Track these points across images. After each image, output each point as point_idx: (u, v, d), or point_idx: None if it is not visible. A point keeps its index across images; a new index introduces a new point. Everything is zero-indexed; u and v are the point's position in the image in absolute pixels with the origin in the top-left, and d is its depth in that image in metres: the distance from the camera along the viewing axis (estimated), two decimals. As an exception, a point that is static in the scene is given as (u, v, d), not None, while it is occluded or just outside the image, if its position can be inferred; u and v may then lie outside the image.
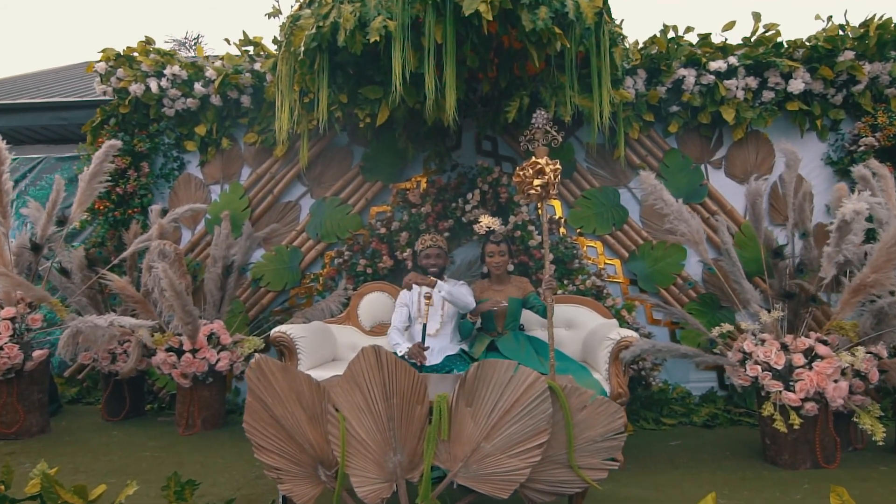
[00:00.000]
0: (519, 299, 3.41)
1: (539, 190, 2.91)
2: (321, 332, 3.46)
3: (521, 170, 3.00)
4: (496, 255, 3.38)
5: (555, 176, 2.93)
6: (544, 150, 3.00)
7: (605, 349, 3.00)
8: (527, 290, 3.45)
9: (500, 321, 3.40)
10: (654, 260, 4.12)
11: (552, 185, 2.94)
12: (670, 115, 4.16)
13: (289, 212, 4.48)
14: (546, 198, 2.99)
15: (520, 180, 3.02)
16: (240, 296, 4.34)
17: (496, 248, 3.38)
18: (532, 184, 2.91)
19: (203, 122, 4.52)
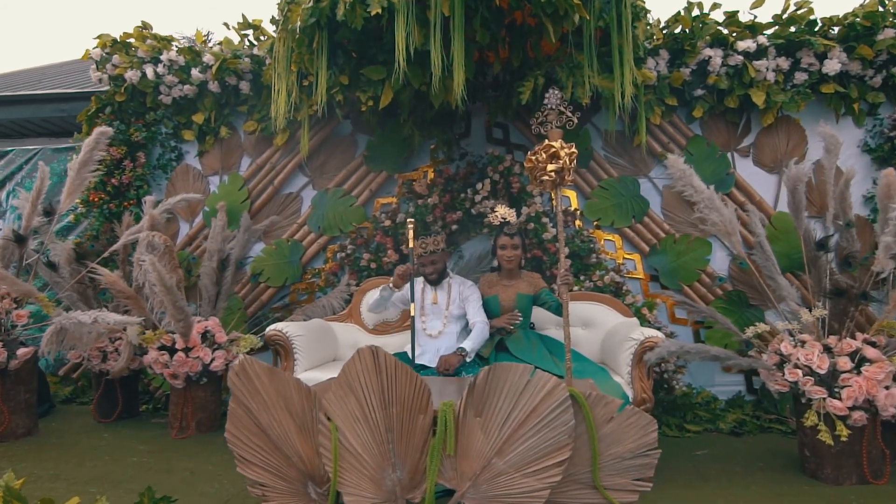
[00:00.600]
0: (530, 295, 3.17)
1: (553, 176, 2.66)
2: (321, 330, 3.25)
3: (534, 154, 2.76)
4: (509, 248, 3.14)
5: (570, 160, 2.68)
6: (558, 132, 2.75)
7: (626, 350, 2.75)
8: (538, 286, 3.21)
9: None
10: (676, 254, 3.85)
11: (567, 171, 2.69)
12: (694, 99, 3.88)
13: (290, 204, 4.27)
14: (561, 185, 2.74)
15: (532, 166, 2.78)
16: (238, 291, 4.14)
17: (510, 240, 3.14)
18: (545, 169, 2.67)
19: (201, 110, 4.32)
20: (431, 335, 3.09)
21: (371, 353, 1.73)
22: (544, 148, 2.72)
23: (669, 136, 3.96)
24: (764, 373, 2.76)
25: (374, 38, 3.10)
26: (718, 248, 3.89)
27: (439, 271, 3.16)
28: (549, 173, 2.65)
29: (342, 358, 3.37)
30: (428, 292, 3.18)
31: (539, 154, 2.71)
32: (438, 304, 3.14)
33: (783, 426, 3.55)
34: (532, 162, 2.77)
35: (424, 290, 3.18)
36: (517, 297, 3.15)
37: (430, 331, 3.10)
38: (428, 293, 3.18)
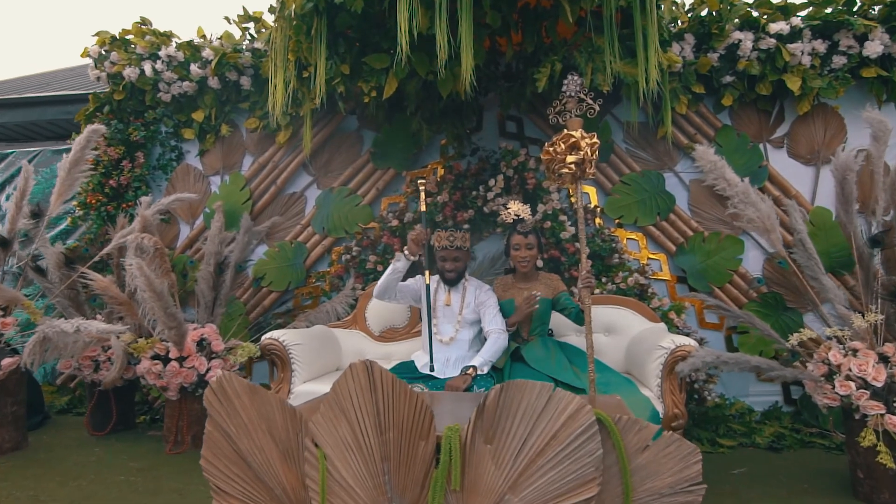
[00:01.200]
0: (548, 299, 2.92)
1: (573, 169, 2.43)
2: (322, 337, 3.03)
3: (551, 146, 2.52)
4: (523, 248, 2.89)
5: (592, 151, 2.45)
6: (578, 121, 2.52)
7: (656, 361, 2.49)
8: (557, 289, 2.96)
9: (526, 325, 2.92)
10: (706, 254, 3.57)
11: (589, 163, 2.46)
12: (723, 87, 3.60)
13: (293, 204, 4.07)
14: (581, 178, 2.52)
15: (550, 158, 2.55)
16: (239, 296, 3.95)
17: (523, 239, 2.90)
18: (565, 161, 2.43)
19: (201, 108, 4.15)
20: (442, 341, 2.85)
21: (365, 369, 1.51)
22: (563, 138, 2.48)
23: (696, 126, 3.69)
24: (810, 385, 2.48)
25: (376, 24, 2.89)
26: (751, 246, 3.61)
27: (459, 270, 2.93)
28: (568, 166, 2.42)
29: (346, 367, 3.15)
30: (441, 293, 2.95)
31: (557, 145, 2.48)
32: (451, 307, 2.91)
33: (826, 440, 3.25)
34: (550, 154, 2.53)
35: (437, 290, 2.94)
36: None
37: (441, 336, 2.87)
38: (441, 294, 2.94)
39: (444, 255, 2.90)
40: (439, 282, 2.96)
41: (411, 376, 2.70)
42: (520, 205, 2.95)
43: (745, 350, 3.45)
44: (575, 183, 2.53)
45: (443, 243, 2.88)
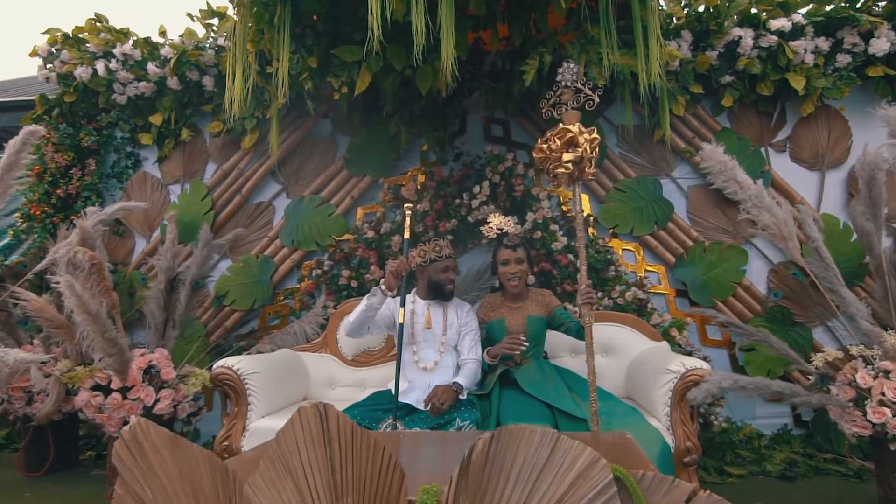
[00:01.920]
0: (542, 318, 2.63)
1: (570, 168, 2.14)
2: (286, 363, 2.69)
3: (545, 142, 2.23)
4: (512, 263, 2.60)
5: (591, 149, 2.16)
6: (575, 114, 2.23)
7: (663, 387, 2.20)
8: (551, 305, 2.66)
9: None
10: (707, 265, 3.31)
11: (588, 162, 2.17)
12: (722, 87, 3.37)
13: (260, 214, 3.73)
14: (580, 179, 2.23)
15: (543, 157, 2.25)
16: (199, 316, 3.59)
17: (512, 253, 2.60)
18: (560, 160, 2.15)
19: (160, 111, 3.81)
20: (425, 368, 2.53)
21: (317, 415, 1.18)
22: (559, 133, 2.19)
23: (694, 129, 3.44)
24: (836, 412, 2.20)
25: (346, 12, 2.60)
26: (755, 256, 3.35)
27: (455, 283, 2.68)
28: (565, 164, 2.13)
29: (313, 396, 2.81)
30: (420, 314, 2.63)
31: (552, 141, 2.19)
32: (433, 330, 2.60)
33: (842, 467, 2.97)
34: (543, 152, 2.24)
35: (415, 311, 2.63)
36: (527, 320, 2.61)
37: (422, 362, 2.55)
38: (420, 315, 2.63)
39: (445, 266, 2.62)
40: (415, 301, 2.64)
41: (386, 407, 2.36)
42: (502, 217, 2.67)
43: (753, 369, 3.18)
44: (572, 185, 2.24)
45: (430, 255, 2.60)
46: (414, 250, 2.66)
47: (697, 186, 3.43)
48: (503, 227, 2.64)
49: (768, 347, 2.70)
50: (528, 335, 2.56)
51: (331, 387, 2.87)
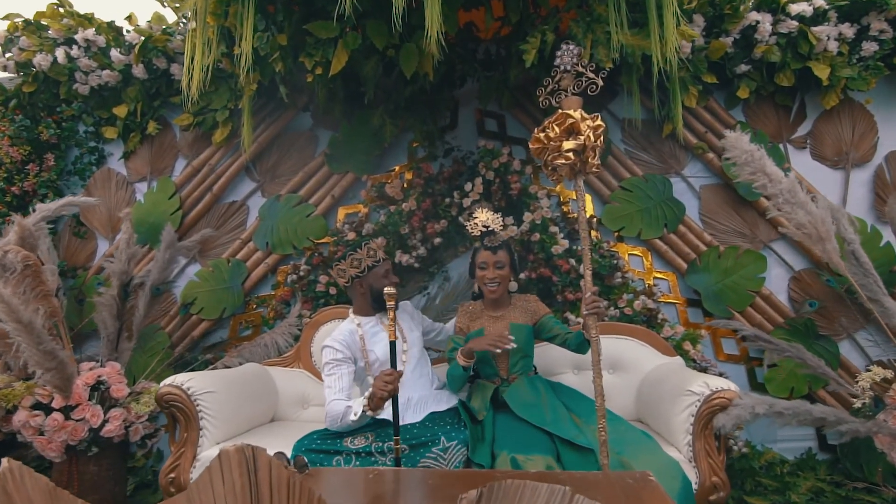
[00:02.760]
0: (528, 326, 2.32)
1: (572, 158, 1.84)
2: (250, 380, 2.36)
3: (542, 130, 1.93)
4: (490, 268, 2.29)
5: (595, 137, 1.86)
6: (576, 100, 1.93)
7: (684, 411, 1.88)
8: (538, 313, 2.35)
9: (503, 361, 2.30)
10: (722, 272, 3.00)
11: (592, 152, 1.87)
12: (738, 77, 3.09)
13: (233, 215, 3.42)
14: (583, 173, 1.93)
15: (540, 147, 1.95)
16: (164, 326, 3.26)
17: (491, 256, 2.30)
18: (560, 149, 1.85)
19: (125, 102, 3.50)
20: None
21: (242, 463, 0.87)
22: (558, 120, 1.89)
23: (706, 123, 3.16)
24: (884, 440, 1.89)
25: (322, -17, 2.31)
26: (774, 263, 3.05)
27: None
28: (565, 154, 1.82)
29: (283, 417, 2.48)
30: (371, 335, 2.30)
31: (551, 129, 1.88)
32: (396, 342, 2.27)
33: (875, 497, 2.66)
34: (541, 141, 1.94)
35: (364, 335, 2.29)
36: (511, 329, 2.28)
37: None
38: (380, 332, 2.30)
39: (385, 270, 2.33)
40: (360, 325, 2.30)
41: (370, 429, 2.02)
42: (490, 213, 2.36)
43: (775, 387, 2.87)
44: (574, 180, 1.94)
45: (367, 263, 2.30)
46: (342, 264, 2.32)
47: (711, 186, 3.14)
48: (489, 224, 2.34)
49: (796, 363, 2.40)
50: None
51: (303, 406, 2.55)
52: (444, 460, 1.80)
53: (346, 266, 2.31)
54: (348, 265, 2.31)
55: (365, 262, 2.29)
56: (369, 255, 2.31)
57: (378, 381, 1.79)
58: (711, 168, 3.13)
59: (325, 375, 2.12)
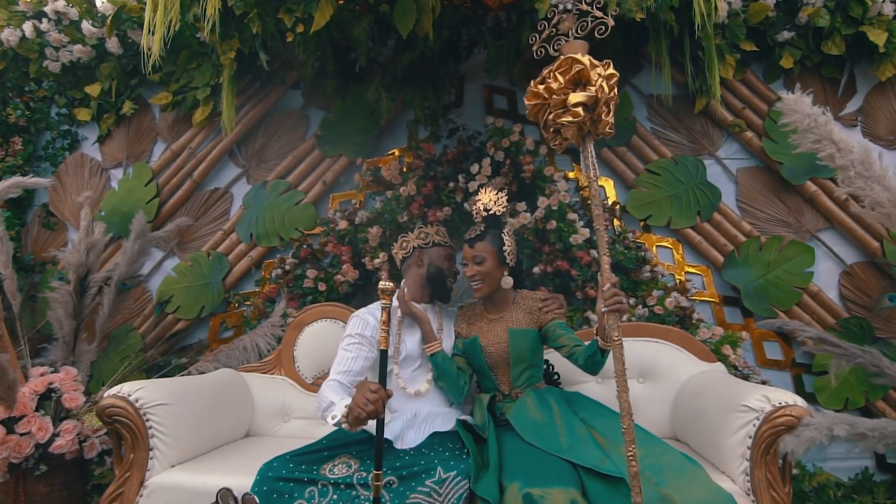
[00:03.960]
0: (531, 331, 1.95)
1: (581, 115, 1.48)
2: (220, 389, 2.03)
3: (542, 82, 1.57)
4: (470, 264, 1.95)
5: (609, 88, 1.50)
6: (581, 44, 1.54)
7: (738, 432, 1.53)
8: (544, 316, 1.99)
9: (504, 373, 1.95)
10: (764, 266, 2.64)
11: (605, 107, 1.51)
12: (779, 46, 2.73)
13: (215, 203, 3.10)
14: (593, 135, 1.57)
15: (539, 104, 1.59)
16: (138, 327, 2.95)
17: (468, 251, 1.96)
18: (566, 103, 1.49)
19: (99, 80, 3.20)
20: (416, 392, 1.88)
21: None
22: (562, 67, 1.52)
23: (743, 98, 2.80)
24: None
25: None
26: (822, 255, 2.69)
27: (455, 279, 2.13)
28: (573, 110, 1.47)
29: (259, 432, 2.15)
30: (410, 330, 1.97)
31: (553, 79, 1.53)
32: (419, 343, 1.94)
33: (945, 526, 2.29)
34: (540, 96, 1.57)
35: (403, 323, 1.96)
36: (509, 335, 1.93)
37: (410, 387, 1.89)
38: (410, 331, 1.97)
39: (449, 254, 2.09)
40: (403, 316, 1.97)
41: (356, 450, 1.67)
42: (494, 194, 2.01)
43: (826, 398, 2.52)
44: (582, 143, 1.57)
45: (433, 238, 2.07)
46: (407, 235, 2.10)
47: (749, 168, 2.78)
48: (490, 206, 1.99)
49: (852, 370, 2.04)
50: (512, 354, 1.90)
51: (283, 419, 2.21)
52: (439, 496, 1.45)
53: (412, 237, 2.07)
54: (414, 236, 2.07)
55: (432, 237, 2.06)
56: (438, 234, 2.09)
57: (359, 395, 1.45)
58: (750, 148, 2.77)
59: (340, 347, 1.87)
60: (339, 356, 1.84)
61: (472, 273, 1.92)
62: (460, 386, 1.91)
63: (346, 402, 1.52)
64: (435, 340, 1.90)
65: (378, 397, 1.41)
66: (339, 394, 1.63)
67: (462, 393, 1.91)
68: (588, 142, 1.53)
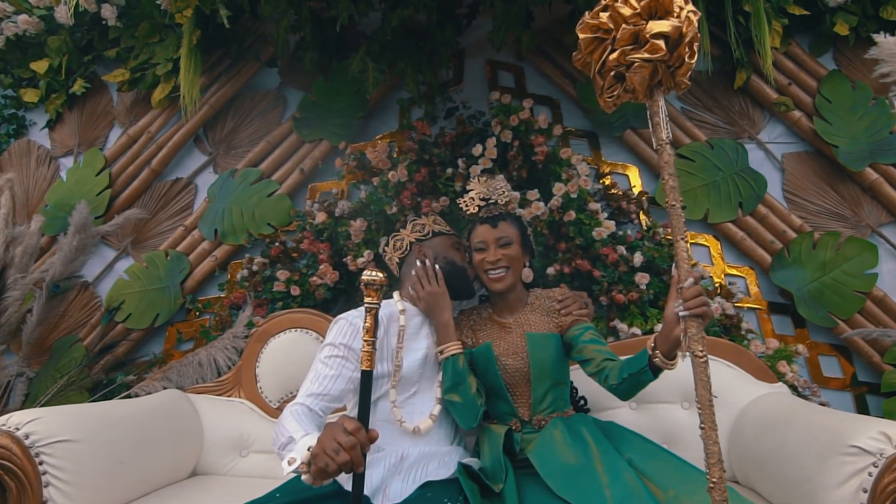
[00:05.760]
0: (554, 336, 1.53)
1: (663, 50, 1.09)
2: (156, 417, 1.60)
3: (605, 9, 1.18)
4: (491, 247, 1.54)
5: (689, 27, 1.12)
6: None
7: (846, 484, 1.13)
8: (564, 320, 1.56)
9: (522, 391, 1.52)
10: (819, 266, 2.23)
11: (688, 49, 1.12)
12: (831, 12, 2.35)
13: (177, 195, 2.69)
14: (669, 85, 1.19)
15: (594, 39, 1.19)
16: (84, 337, 2.52)
17: (490, 231, 1.55)
18: (642, 34, 1.10)
19: (48, 56, 2.81)
20: (415, 430, 1.43)
21: None
22: None
23: (789, 73, 2.41)
24: None
25: None
26: (886, 255, 2.28)
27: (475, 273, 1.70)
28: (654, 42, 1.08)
29: (209, 470, 1.71)
30: (414, 333, 1.53)
31: (625, 4, 1.15)
32: (430, 360, 1.50)
33: None
34: (596, 28, 1.18)
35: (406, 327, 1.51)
36: (527, 342, 1.51)
37: (408, 421, 1.44)
38: (414, 334, 1.53)
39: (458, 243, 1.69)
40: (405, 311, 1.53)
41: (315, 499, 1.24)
42: (488, 182, 1.62)
43: (900, 425, 2.08)
44: (649, 98, 1.19)
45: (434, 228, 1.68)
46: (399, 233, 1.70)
47: (797, 154, 2.38)
48: (491, 195, 1.59)
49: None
50: (533, 367, 1.48)
51: (241, 453, 1.78)
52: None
53: (405, 233, 1.67)
54: (408, 231, 1.68)
55: (430, 227, 1.68)
56: (436, 223, 1.71)
57: (328, 438, 0.97)
58: (797, 131, 2.38)
59: (317, 360, 1.38)
60: (314, 372, 1.36)
61: (496, 258, 1.52)
62: (477, 405, 1.46)
63: (311, 443, 1.07)
64: (456, 340, 1.49)
65: (355, 442, 0.96)
66: (305, 426, 1.17)
67: (477, 415, 1.46)
68: (658, 94, 1.15)
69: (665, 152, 1.15)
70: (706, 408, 1.01)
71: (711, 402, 1.02)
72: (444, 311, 1.50)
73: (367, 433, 0.98)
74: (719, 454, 0.99)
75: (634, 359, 1.31)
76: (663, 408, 1.73)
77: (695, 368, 1.05)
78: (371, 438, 0.98)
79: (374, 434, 0.99)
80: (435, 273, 1.54)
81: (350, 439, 0.96)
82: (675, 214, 1.11)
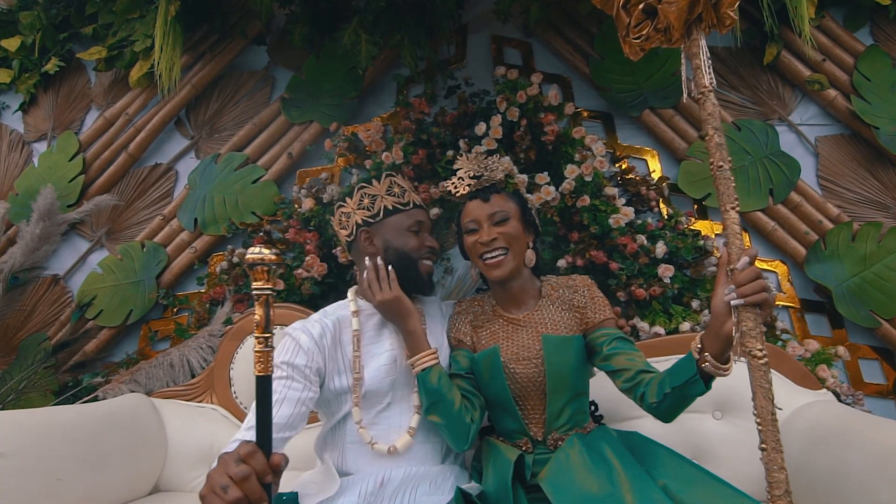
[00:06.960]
0: (574, 338, 1.30)
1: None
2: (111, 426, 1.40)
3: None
4: (485, 226, 1.31)
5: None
6: None
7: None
8: (593, 316, 1.32)
9: (535, 404, 1.29)
10: (859, 260, 2.01)
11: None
12: (870, -19, 2.14)
13: (156, 182, 2.49)
14: (711, 22, 0.98)
15: None
16: (52, 336, 2.32)
17: (482, 207, 1.32)
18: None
19: (21, 33, 2.62)
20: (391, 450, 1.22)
21: None
22: None
23: (823, 48, 2.19)
24: None
25: None
26: (932, 249, 2.06)
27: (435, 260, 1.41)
28: None
29: (172, 486, 1.51)
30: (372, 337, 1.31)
31: None
32: (398, 364, 1.29)
33: None
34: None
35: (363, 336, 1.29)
36: (543, 346, 1.28)
37: (379, 441, 1.23)
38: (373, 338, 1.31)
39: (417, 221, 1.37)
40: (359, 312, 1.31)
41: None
42: (478, 159, 1.41)
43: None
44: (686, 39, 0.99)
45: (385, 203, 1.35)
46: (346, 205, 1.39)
47: (831, 137, 2.17)
48: (481, 171, 1.37)
49: None
50: (549, 377, 1.26)
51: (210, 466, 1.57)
52: None
53: (352, 207, 1.36)
54: (353, 205, 1.36)
55: (381, 200, 1.34)
56: (389, 193, 1.35)
57: (217, 473, 0.76)
58: (832, 112, 2.16)
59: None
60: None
61: (491, 238, 1.28)
62: (465, 424, 1.22)
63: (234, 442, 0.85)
64: (428, 349, 1.25)
65: (248, 472, 0.73)
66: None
67: (468, 436, 1.23)
68: (698, 32, 0.94)
69: (709, 101, 0.95)
70: (768, 423, 0.80)
71: (775, 417, 0.81)
72: (407, 317, 1.25)
73: (269, 458, 0.75)
74: (787, 483, 0.78)
75: (678, 367, 1.09)
76: (692, 417, 1.52)
77: (751, 373, 0.84)
78: (273, 464, 0.74)
79: (277, 459, 0.75)
80: (388, 275, 1.27)
81: (242, 469, 0.73)
82: (722, 178, 0.91)
